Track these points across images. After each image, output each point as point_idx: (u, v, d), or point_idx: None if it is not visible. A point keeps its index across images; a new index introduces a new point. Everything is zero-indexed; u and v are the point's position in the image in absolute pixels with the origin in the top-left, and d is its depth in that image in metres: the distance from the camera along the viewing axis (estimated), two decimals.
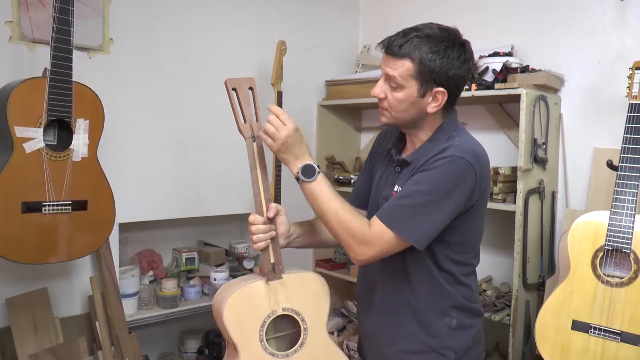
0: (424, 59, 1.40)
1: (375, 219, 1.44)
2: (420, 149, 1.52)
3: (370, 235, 1.42)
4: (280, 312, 1.55)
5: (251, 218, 1.55)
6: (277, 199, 2.71)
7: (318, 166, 1.48)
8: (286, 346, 1.58)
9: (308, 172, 1.46)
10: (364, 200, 1.73)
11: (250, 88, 1.52)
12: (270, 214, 1.56)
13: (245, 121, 1.51)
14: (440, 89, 1.43)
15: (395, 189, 1.52)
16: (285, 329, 1.62)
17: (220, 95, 2.68)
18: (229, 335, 1.49)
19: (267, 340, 1.53)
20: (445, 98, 1.44)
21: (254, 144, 1.53)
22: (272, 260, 1.56)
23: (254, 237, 1.55)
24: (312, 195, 1.48)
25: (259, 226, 1.54)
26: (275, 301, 1.56)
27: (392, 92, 1.46)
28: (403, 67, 1.42)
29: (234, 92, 1.50)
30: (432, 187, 1.41)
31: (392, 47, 1.43)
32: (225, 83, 1.50)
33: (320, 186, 1.47)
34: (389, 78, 1.45)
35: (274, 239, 1.57)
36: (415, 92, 1.43)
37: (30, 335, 2.13)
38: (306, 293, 1.61)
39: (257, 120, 1.52)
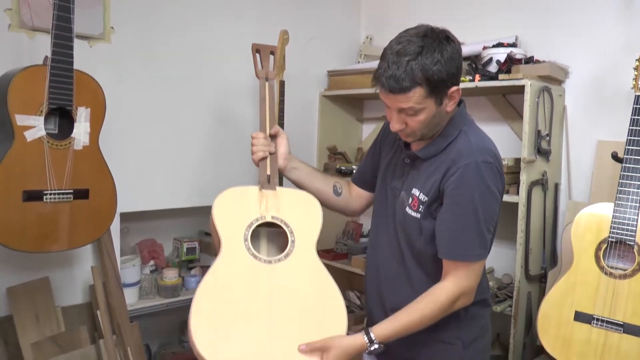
0: (431, 76, 1.36)
1: (445, 262, 1.48)
2: (433, 144, 1.52)
3: (455, 286, 1.46)
4: (268, 218, 1.57)
5: (253, 134, 1.69)
6: None
7: (365, 333, 1.47)
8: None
9: (373, 345, 1.46)
10: (367, 183, 1.79)
11: (272, 52, 1.84)
12: (272, 131, 1.71)
13: (262, 68, 1.79)
14: (453, 88, 1.43)
15: (416, 192, 1.52)
16: (278, 246, 1.62)
17: (221, 84, 2.69)
18: (215, 227, 1.53)
19: (253, 246, 1.53)
20: (460, 91, 1.45)
21: (267, 84, 1.78)
22: (268, 172, 1.64)
23: (253, 148, 1.67)
24: (396, 336, 1.49)
25: (259, 139, 1.67)
26: (266, 208, 1.58)
27: (411, 118, 1.44)
28: (415, 95, 1.38)
29: (257, 53, 1.80)
30: (472, 201, 1.43)
31: (395, 85, 1.37)
32: (252, 45, 1.81)
33: (391, 338, 1.48)
34: (402, 110, 1.43)
35: (272, 155, 1.67)
36: (433, 106, 1.42)
37: (32, 324, 2.13)
38: (299, 209, 1.63)
39: (272, 69, 1.81)
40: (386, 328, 1.47)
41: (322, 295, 1.54)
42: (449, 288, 1.45)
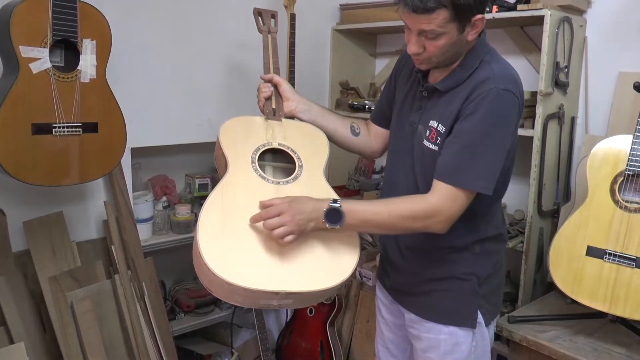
0: (457, 0, 1.32)
1: (437, 182, 1.40)
2: (452, 76, 1.47)
3: (437, 203, 1.39)
4: (275, 145, 1.57)
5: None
6: None
7: (333, 200, 1.39)
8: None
9: (332, 216, 1.38)
10: (386, 120, 1.73)
11: (273, 16, 1.94)
12: (274, 81, 1.72)
13: (263, 24, 1.89)
14: (478, 16, 1.37)
15: (434, 124, 1.47)
16: (284, 174, 1.61)
17: (233, 19, 2.62)
18: (222, 150, 1.52)
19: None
20: (484, 20, 1.39)
21: (269, 36, 1.86)
22: (274, 106, 1.67)
23: (258, 95, 1.71)
24: (358, 226, 1.42)
25: (260, 86, 1.71)
26: (272, 136, 1.60)
27: (430, 42, 1.39)
28: (438, 18, 1.33)
29: (259, 16, 1.91)
30: (485, 128, 1.38)
31: (419, 4, 1.32)
32: (254, 9, 1.94)
33: (355, 213, 1.39)
34: (423, 32, 1.37)
35: (277, 90, 1.71)
36: (455, 33, 1.37)
37: (49, 258, 2.17)
38: (304, 138, 1.63)
39: (274, 25, 1.91)
40: (355, 202, 1.43)
41: None
42: (430, 200, 1.40)
